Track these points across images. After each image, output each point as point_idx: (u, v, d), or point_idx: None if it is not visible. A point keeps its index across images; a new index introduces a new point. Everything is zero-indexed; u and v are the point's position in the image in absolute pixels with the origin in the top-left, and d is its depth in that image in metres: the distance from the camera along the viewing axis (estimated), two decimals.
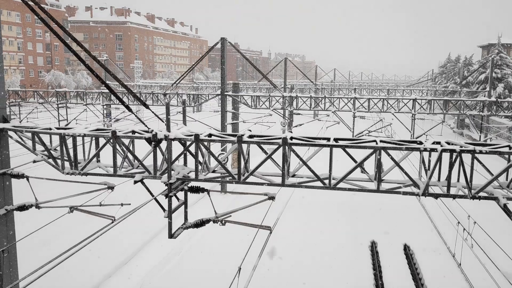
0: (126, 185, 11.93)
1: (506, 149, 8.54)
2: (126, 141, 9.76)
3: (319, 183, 9.23)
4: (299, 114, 34.29)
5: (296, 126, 34.13)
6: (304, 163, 9.11)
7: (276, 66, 52.72)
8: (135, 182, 9.51)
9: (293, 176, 9.64)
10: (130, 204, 11.38)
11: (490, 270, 13.73)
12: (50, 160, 10.25)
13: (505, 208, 8.34)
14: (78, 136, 9.88)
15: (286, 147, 9.03)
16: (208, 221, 9.92)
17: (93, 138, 10.20)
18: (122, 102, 9.10)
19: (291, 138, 9.17)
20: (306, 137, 9.29)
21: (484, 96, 49.62)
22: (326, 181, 9.19)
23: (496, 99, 30.14)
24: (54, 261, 7.04)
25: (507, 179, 9.24)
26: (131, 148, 9.84)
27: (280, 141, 9.00)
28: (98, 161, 10.39)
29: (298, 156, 9.08)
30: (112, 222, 9.98)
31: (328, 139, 9.24)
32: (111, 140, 9.55)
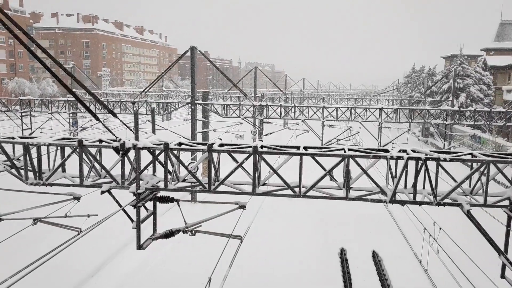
0: (93, 195, 11.66)
1: (469, 157, 8.83)
2: (93, 151, 9.54)
3: (289, 191, 9.28)
4: (269, 122, 34.49)
5: (266, 135, 34.28)
6: (275, 171, 9.15)
7: (246, 75, 52.89)
8: (102, 192, 9.29)
9: (264, 184, 9.65)
10: (97, 215, 11.11)
11: (455, 275, 14.11)
12: (13, 171, 9.89)
13: (468, 214, 8.60)
14: (43, 145, 9.58)
15: (257, 156, 9.04)
16: (177, 231, 9.78)
17: (59, 148, 9.91)
18: (89, 111, 8.90)
19: (262, 146, 9.19)
20: (276, 146, 9.34)
21: (447, 106, 51.32)
22: (296, 189, 9.25)
23: (458, 108, 31.21)
24: (14, 277, 6.77)
25: (470, 186, 9.55)
26: (98, 157, 9.61)
27: (250, 149, 9.00)
28: (63, 171, 10.09)
29: (268, 164, 9.11)
30: (78, 234, 9.72)
31: (298, 148, 9.31)
32: (77, 150, 9.31)
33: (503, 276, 9.58)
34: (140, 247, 9.58)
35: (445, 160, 8.69)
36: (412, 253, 19.14)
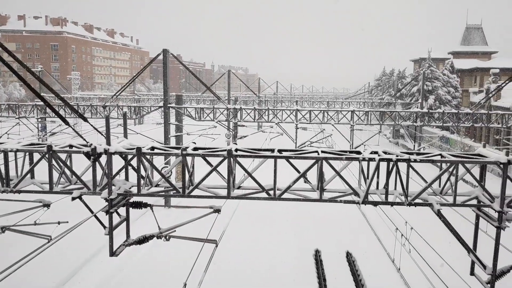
0: (64, 202, 11.38)
1: (438, 158, 9.06)
2: (63, 156, 9.31)
3: (264, 194, 9.30)
4: (243, 126, 34.51)
5: (240, 138, 34.28)
6: (249, 174, 9.15)
7: (220, 78, 52.86)
8: (73, 198, 9.08)
9: (239, 188, 9.64)
10: (68, 222, 10.85)
11: (426, 273, 14.42)
12: None
13: (439, 213, 8.82)
14: (10, 151, 9.30)
15: (231, 159, 9.03)
16: (151, 237, 9.65)
17: (27, 154, 9.64)
18: (58, 115, 8.69)
19: (236, 150, 9.19)
20: (250, 149, 9.35)
21: (417, 108, 52.57)
22: (271, 192, 9.28)
23: (427, 110, 32.01)
24: None
25: (440, 186, 9.80)
26: (68, 163, 9.39)
27: (225, 153, 8.99)
28: (32, 177, 9.81)
29: (243, 168, 9.11)
30: (48, 242, 9.47)
31: (272, 151, 9.35)
32: (47, 155, 9.08)
33: (472, 273, 9.85)
34: (113, 254, 9.40)
35: (415, 161, 8.90)
36: (385, 253, 19.47)
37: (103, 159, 9.12)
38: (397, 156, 8.89)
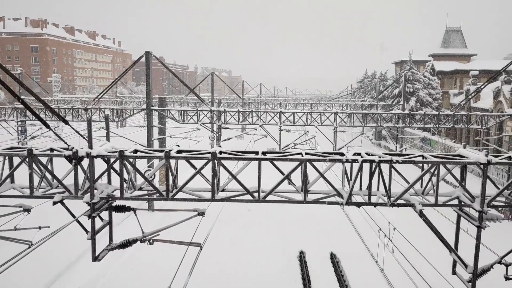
0: (45, 206, 11.19)
1: (420, 159, 9.19)
2: (44, 160, 9.16)
3: (248, 197, 9.29)
4: (227, 128, 34.46)
5: (224, 140, 34.23)
6: (234, 177, 9.14)
7: (203, 80, 52.68)
8: (55, 203, 8.93)
9: (223, 190, 9.61)
10: (49, 227, 10.67)
11: (409, 273, 14.59)
12: None
13: (421, 213, 8.93)
14: None
15: (215, 162, 9.00)
16: (135, 241, 9.55)
17: (6, 157, 9.45)
18: (39, 118, 8.55)
19: (220, 152, 9.16)
20: (235, 151, 9.34)
21: (399, 109, 53.26)
22: (256, 194, 9.28)
23: (409, 112, 32.45)
24: None
25: (422, 187, 9.93)
26: (49, 167, 9.23)
27: (209, 155, 8.95)
28: (12, 181, 9.62)
29: (227, 170, 9.09)
30: (29, 247, 9.30)
31: (257, 153, 9.35)
32: (27, 159, 8.92)
33: (454, 272, 10.01)
34: (95, 258, 9.28)
35: (397, 162, 9.00)
36: (368, 253, 19.63)
37: (85, 162, 9.00)
38: (379, 157, 8.98)
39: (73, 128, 9.19)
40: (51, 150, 9.12)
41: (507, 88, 38.84)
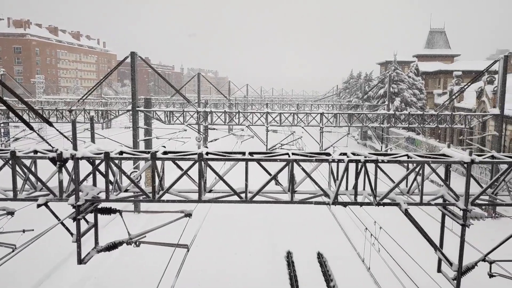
0: (29, 209, 11.03)
1: (405, 158, 9.28)
2: (28, 162, 9.02)
3: (236, 198, 9.29)
4: (214, 129, 34.38)
5: (211, 141, 34.13)
6: (221, 178, 9.12)
7: (189, 81, 52.46)
8: (39, 205, 8.81)
9: (210, 191, 9.59)
10: (33, 230, 10.52)
11: (395, 272, 14.72)
12: None
13: (406, 213, 9.03)
14: None
15: (202, 163, 8.97)
16: (121, 243, 9.47)
17: None
18: (22, 120, 8.43)
19: (207, 153, 9.14)
20: (221, 152, 9.32)
21: (384, 110, 53.76)
22: (243, 195, 9.28)
23: (394, 112, 32.76)
24: None
25: (407, 186, 10.03)
26: (33, 169, 9.10)
27: (195, 156, 8.92)
28: None
29: (214, 171, 9.07)
30: (13, 251, 9.15)
31: (244, 154, 9.35)
32: (10, 161, 8.77)
33: (439, 270, 10.14)
34: (81, 261, 9.17)
35: (383, 161, 9.09)
36: (355, 253, 19.75)
37: (70, 164, 8.89)
38: (365, 157, 9.05)
39: (57, 130, 9.08)
40: (35, 152, 8.99)
41: (489, 88, 39.49)
